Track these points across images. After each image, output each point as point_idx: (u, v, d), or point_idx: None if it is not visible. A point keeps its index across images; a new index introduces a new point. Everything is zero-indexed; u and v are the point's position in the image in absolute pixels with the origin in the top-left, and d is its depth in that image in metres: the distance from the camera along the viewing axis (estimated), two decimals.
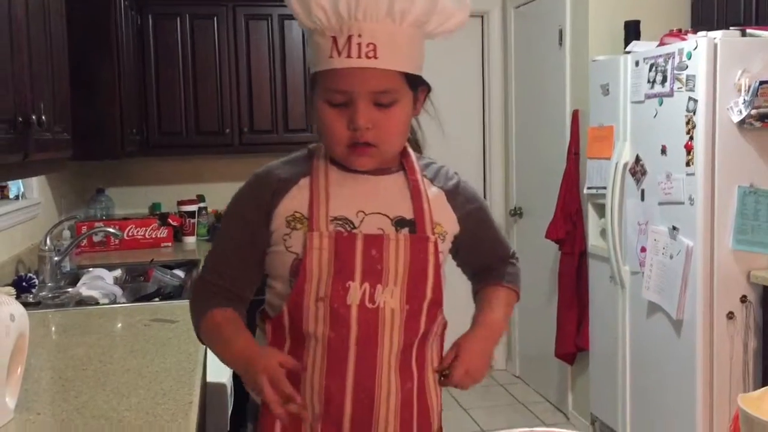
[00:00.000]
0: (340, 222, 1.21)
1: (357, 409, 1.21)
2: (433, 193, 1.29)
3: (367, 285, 1.19)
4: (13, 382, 1.44)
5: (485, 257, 1.43)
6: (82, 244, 3.45)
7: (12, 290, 2.40)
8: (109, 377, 1.65)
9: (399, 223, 1.23)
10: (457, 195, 1.33)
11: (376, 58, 1.15)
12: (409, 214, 1.24)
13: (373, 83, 1.16)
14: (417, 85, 1.24)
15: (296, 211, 1.22)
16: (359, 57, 1.14)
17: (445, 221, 1.29)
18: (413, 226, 1.24)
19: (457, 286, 1.48)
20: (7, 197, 2.92)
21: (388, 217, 1.23)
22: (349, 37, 1.14)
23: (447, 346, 1.34)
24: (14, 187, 2.92)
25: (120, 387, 1.58)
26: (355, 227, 1.21)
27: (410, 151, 1.32)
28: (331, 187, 1.23)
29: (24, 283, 2.52)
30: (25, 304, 2.40)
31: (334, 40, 1.14)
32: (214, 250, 1.32)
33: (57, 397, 1.56)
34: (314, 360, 1.21)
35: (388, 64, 1.16)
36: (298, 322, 1.21)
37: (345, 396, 1.20)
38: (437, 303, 1.27)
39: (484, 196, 4.84)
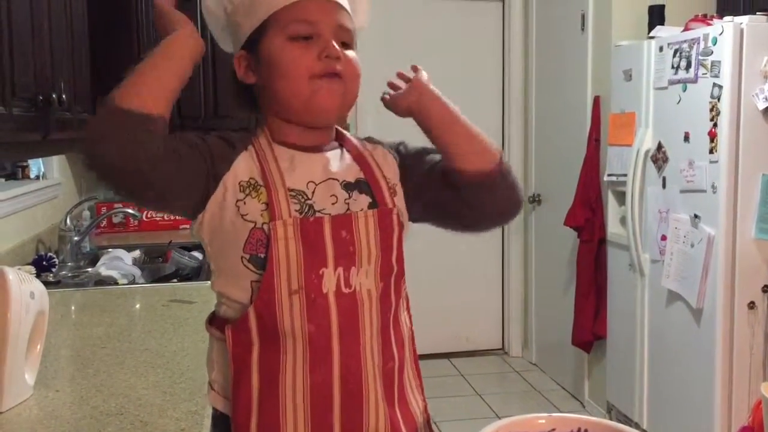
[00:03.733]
0: (293, 193, 1.13)
1: (346, 397, 1.14)
2: (371, 151, 1.25)
3: (341, 269, 1.13)
4: (33, 359, 1.45)
5: (433, 160, 1.28)
6: (102, 225, 3.47)
7: (32, 269, 2.42)
8: (128, 356, 1.66)
9: (348, 186, 1.18)
10: (385, 145, 1.29)
11: None
12: (355, 176, 1.20)
13: (341, 16, 1.15)
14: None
15: (251, 178, 1.13)
16: None
17: (391, 173, 1.23)
18: (364, 186, 1.19)
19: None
20: (28, 177, 2.94)
21: (336, 181, 1.17)
22: None
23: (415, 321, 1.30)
24: (35, 167, 2.95)
25: (138, 366, 1.59)
26: (309, 198, 1.14)
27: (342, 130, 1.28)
28: (281, 161, 1.16)
29: (44, 263, 2.55)
30: (45, 283, 2.42)
31: None
32: None
33: (76, 374, 1.58)
34: (294, 359, 1.12)
35: (350, 8, 1.18)
36: (270, 321, 1.10)
37: (333, 388, 1.13)
38: (401, 274, 1.22)
39: None
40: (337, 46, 1.13)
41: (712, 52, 2.72)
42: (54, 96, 1.69)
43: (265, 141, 1.18)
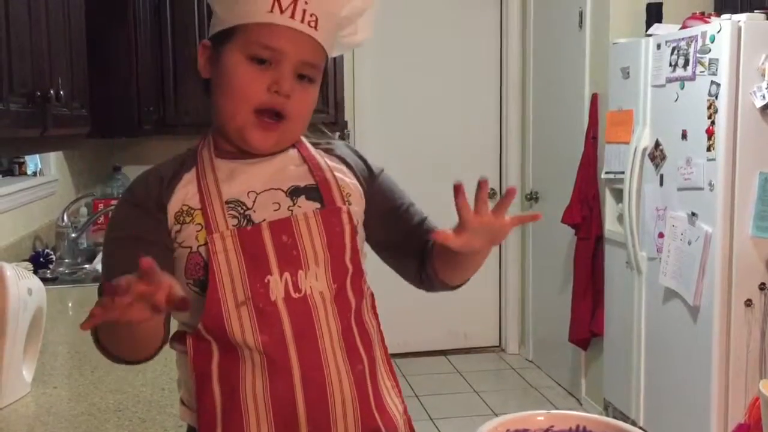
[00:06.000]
0: (232, 205, 1.11)
1: (311, 405, 1.09)
2: (330, 159, 1.21)
3: (287, 274, 1.09)
4: (30, 355, 1.45)
5: (403, 224, 1.24)
6: (99, 221, 3.46)
7: (29, 266, 2.42)
8: None
9: (294, 192, 1.14)
10: (354, 160, 1.23)
11: (316, 29, 1.11)
12: (304, 182, 1.15)
13: (308, 52, 1.11)
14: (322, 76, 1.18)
15: (184, 204, 1.11)
16: (302, 22, 1.09)
17: (350, 187, 1.18)
18: (312, 192, 1.15)
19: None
20: (25, 174, 2.93)
21: (281, 189, 1.14)
22: (295, 0, 1.09)
23: (382, 320, 1.24)
24: (32, 163, 2.94)
25: None
26: (248, 208, 1.11)
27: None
28: (220, 174, 1.13)
29: (41, 259, 2.54)
30: (43, 280, 2.42)
31: None
32: (109, 265, 1.12)
33: (73, 371, 1.57)
34: (253, 368, 1.08)
35: (324, 40, 1.13)
36: (221, 333, 1.08)
37: (296, 397, 1.08)
38: (359, 273, 1.17)
39: (500, 180, 4.84)
40: (290, 82, 1.09)
41: (710, 50, 2.72)
42: (52, 92, 1.69)
43: (207, 154, 1.15)
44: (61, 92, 1.76)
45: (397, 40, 4.39)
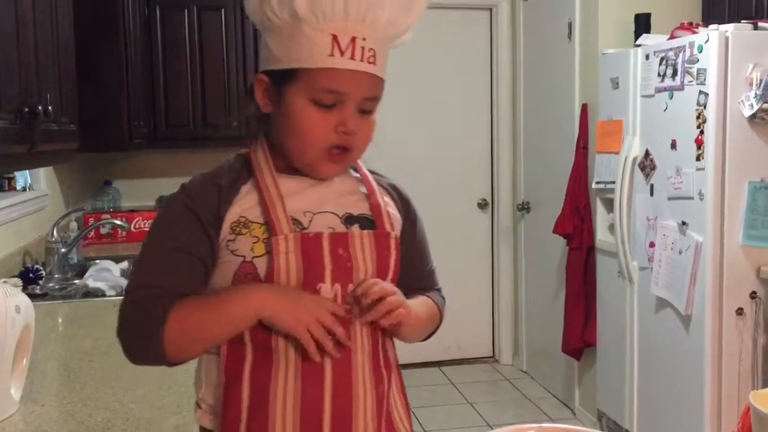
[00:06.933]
0: (291, 221, 1.14)
1: (337, 415, 1.13)
2: (382, 190, 1.26)
3: (338, 285, 1.14)
4: (18, 373, 1.44)
5: (413, 278, 1.28)
6: (90, 236, 3.45)
7: (19, 282, 2.40)
8: (115, 370, 1.65)
9: (348, 219, 1.18)
10: (401, 197, 1.29)
11: (375, 64, 1.13)
12: (357, 210, 1.20)
13: (369, 89, 1.14)
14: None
15: (241, 216, 1.13)
16: (362, 60, 1.11)
17: (395, 219, 1.24)
18: (364, 221, 1.19)
19: None
20: (14, 189, 2.92)
21: (336, 215, 1.18)
22: (354, 39, 1.10)
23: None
24: (21, 178, 2.92)
25: (125, 380, 1.57)
26: (304, 228, 1.14)
27: None
28: (281, 189, 1.16)
29: (31, 275, 2.52)
30: (32, 296, 2.41)
31: (335, 38, 1.10)
32: (151, 267, 1.14)
33: (62, 388, 1.56)
34: (286, 373, 1.12)
35: (382, 71, 1.15)
36: (263, 336, 1.11)
37: (324, 404, 1.12)
38: None
39: (491, 191, 4.85)
40: (354, 120, 1.13)
41: (698, 60, 2.74)
42: (40, 108, 1.68)
43: (266, 167, 1.17)
44: (50, 108, 1.75)
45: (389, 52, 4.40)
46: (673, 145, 2.90)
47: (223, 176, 1.16)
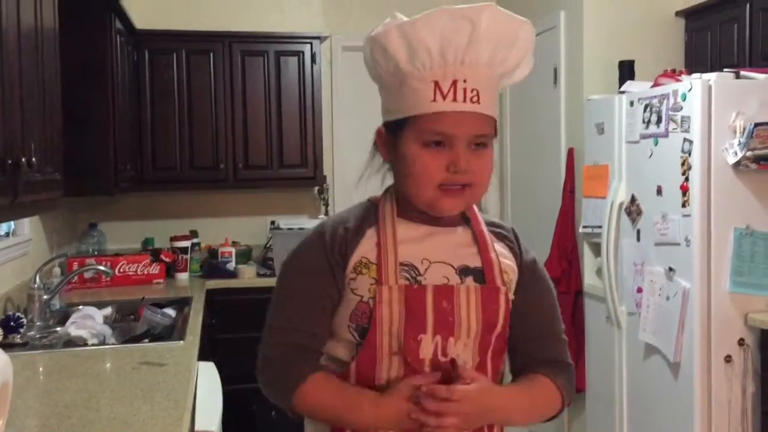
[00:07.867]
0: (406, 268, 1.21)
1: None
2: (498, 242, 1.30)
3: (439, 338, 1.18)
4: None
5: (534, 326, 1.30)
6: (73, 281, 3.41)
7: None
8: (95, 426, 1.61)
9: (463, 271, 1.23)
10: (518, 244, 1.33)
11: (479, 103, 1.18)
12: (473, 263, 1.24)
13: (476, 127, 1.19)
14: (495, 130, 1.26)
15: (363, 257, 1.22)
16: (465, 101, 1.17)
17: (510, 270, 1.28)
18: (478, 274, 1.24)
19: None
20: None
21: (452, 266, 1.23)
22: (455, 82, 1.16)
23: None
24: (4, 225, 2.89)
25: None
26: (420, 274, 1.21)
27: (473, 206, 1.32)
28: (400, 235, 1.23)
29: (12, 323, 2.48)
30: (12, 345, 2.37)
31: (437, 84, 1.17)
32: (291, 309, 1.24)
33: None
34: None
35: (488, 109, 1.20)
36: (368, 376, 1.20)
37: None
38: (500, 351, 1.27)
39: None
40: (465, 159, 1.17)
41: (682, 108, 2.77)
42: (23, 159, 1.67)
43: (389, 212, 1.25)
44: (33, 159, 1.74)
45: (377, 92, 4.42)
46: (659, 191, 2.92)
47: (351, 220, 1.26)
